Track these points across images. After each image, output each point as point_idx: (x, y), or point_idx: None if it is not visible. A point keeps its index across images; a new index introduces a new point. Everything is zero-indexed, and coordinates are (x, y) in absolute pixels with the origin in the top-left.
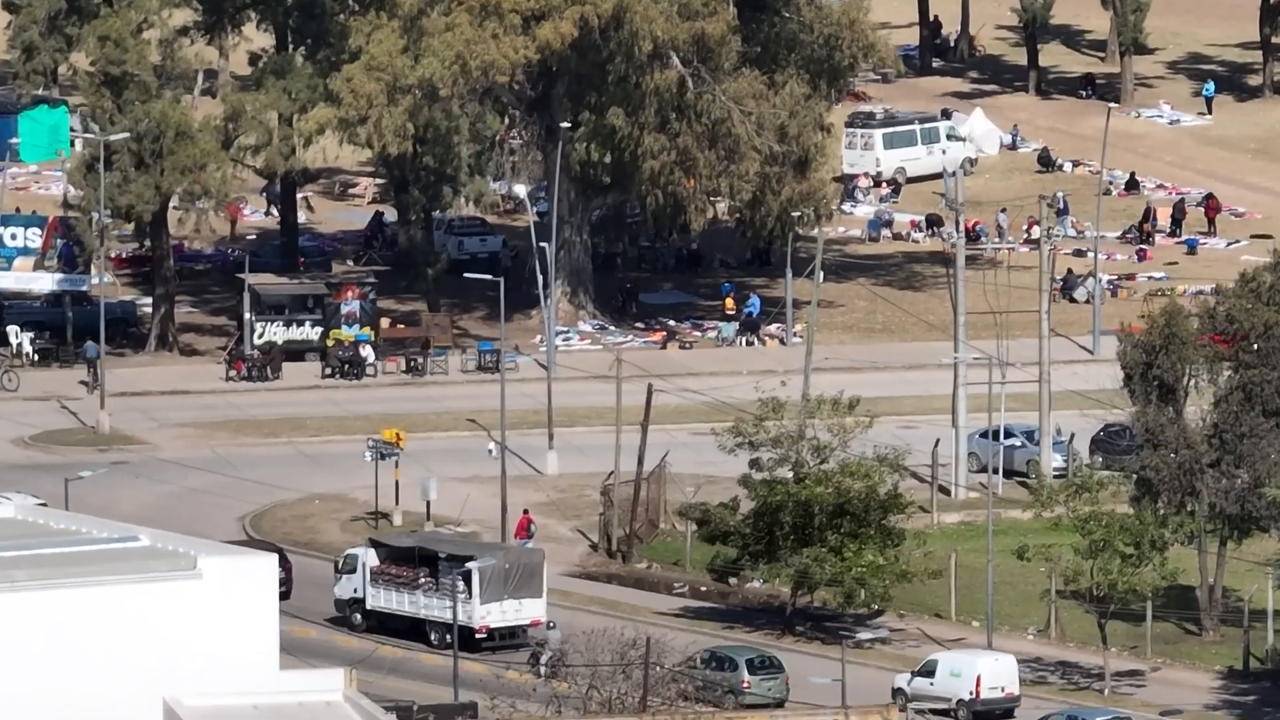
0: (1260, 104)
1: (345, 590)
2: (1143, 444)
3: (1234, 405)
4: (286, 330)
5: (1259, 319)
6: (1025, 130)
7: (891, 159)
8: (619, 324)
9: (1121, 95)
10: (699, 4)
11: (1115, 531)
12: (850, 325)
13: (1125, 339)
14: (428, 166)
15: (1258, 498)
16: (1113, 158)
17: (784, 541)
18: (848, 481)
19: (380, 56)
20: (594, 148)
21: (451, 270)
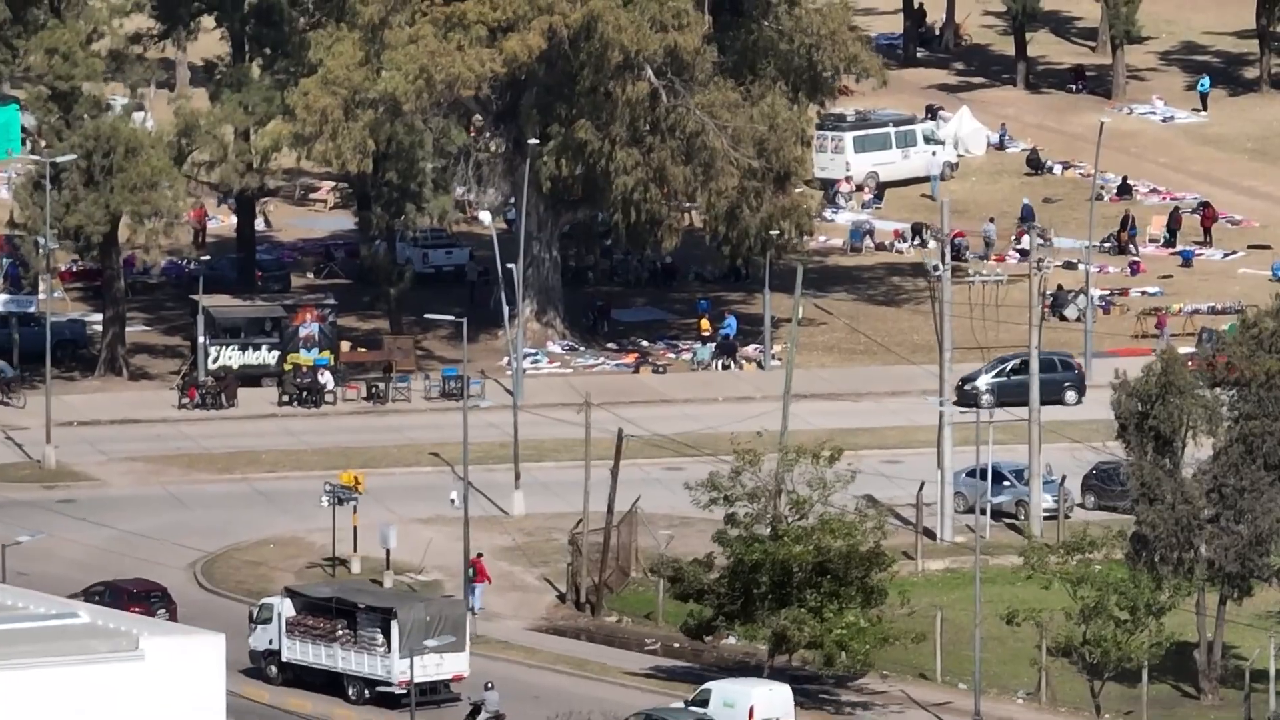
0: (1257, 99)
1: (260, 641)
2: (1138, 498)
3: (1233, 457)
4: (242, 354)
5: (1260, 367)
6: (1013, 128)
7: (863, 163)
8: (590, 344)
9: (1113, 90)
10: (671, 14)
11: (1109, 594)
12: (831, 346)
13: (1120, 388)
14: (390, 182)
15: (1259, 554)
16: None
17: (761, 601)
18: (828, 540)
19: (338, 70)
20: (564, 162)
21: (416, 284)
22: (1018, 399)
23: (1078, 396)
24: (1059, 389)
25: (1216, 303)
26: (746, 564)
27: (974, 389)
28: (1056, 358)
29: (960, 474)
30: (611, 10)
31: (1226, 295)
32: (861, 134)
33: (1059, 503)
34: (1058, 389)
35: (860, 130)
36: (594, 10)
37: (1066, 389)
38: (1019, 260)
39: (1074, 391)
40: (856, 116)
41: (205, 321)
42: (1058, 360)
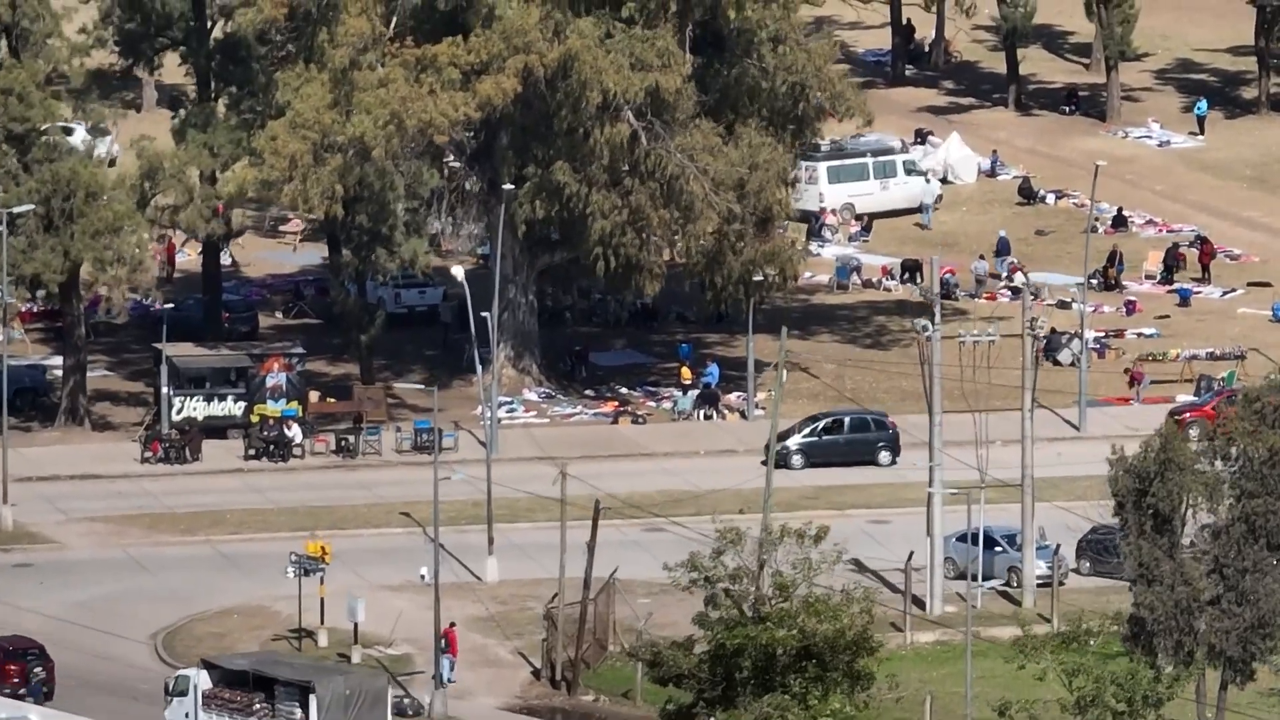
0: (1255, 122)
1: (176, 715)
2: (1135, 579)
3: (1235, 537)
4: (207, 405)
5: (1264, 443)
6: (1005, 153)
7: (837, 194)
8: (567, 391)
9: (1107, 112)
10: (653, 54)
11: (1106, 685)
12: (817, 393)
13: (1118, 463)
14: (360, 226)
15: (1262, 637)
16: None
17: (743, 687)
18: (813, 623)
19: (307, 113)
20: (540, 204)
21: (389, 324)
22: (829, 459)
23: (891, 457)
24: (872, 449)
25: (1215, 348)
26: (728, 648)
27: (784, 449)
28: (870, 417)
29: (950, 538)
30: (590, 50)
31: (1225, 338)
32: (836, 164)
33: (1053, 570)
34: (871, 449)
35: (835, 160)
36: (571, 50)
37: (880, 449)
38: (1011, 298)
39: (888, 452)
40: (832, 146)
41: (169, 371)
42: (871, 420)
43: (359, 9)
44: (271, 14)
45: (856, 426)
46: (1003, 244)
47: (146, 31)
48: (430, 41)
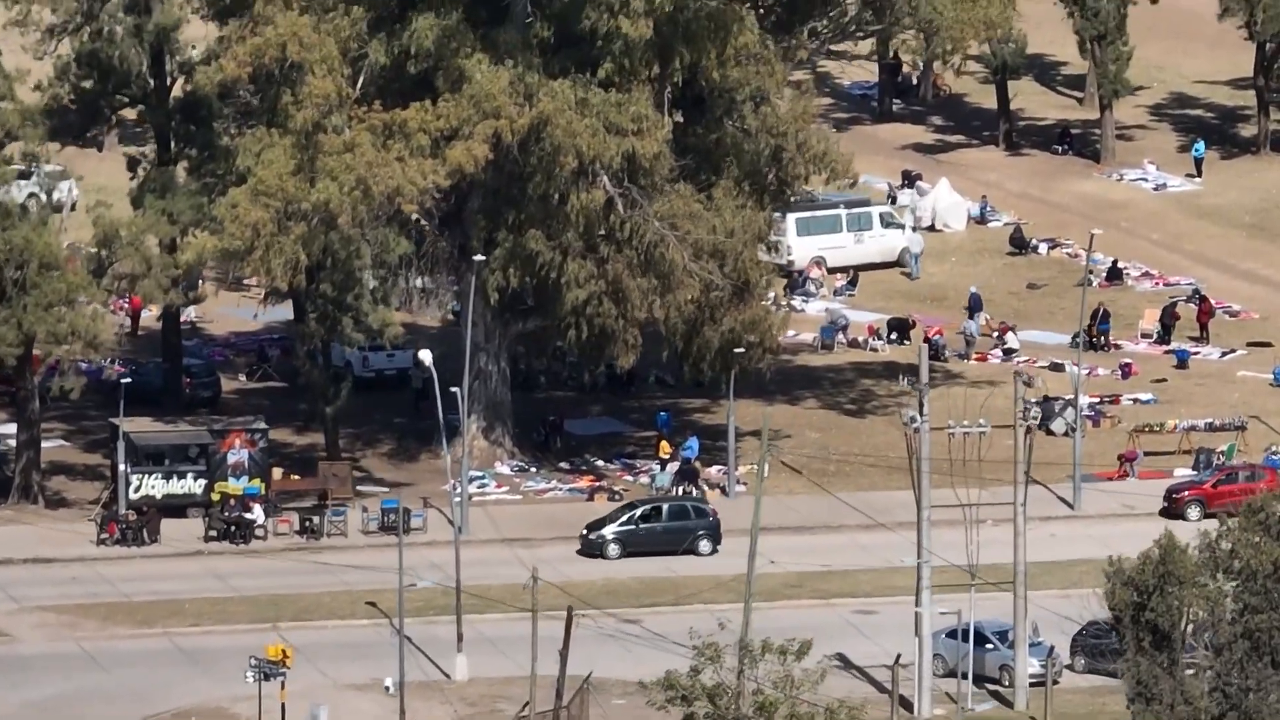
0: (1254, 162)
1: None
2: (1134, 698)
3: (1238, 654)
4: (166, 483)
5: (1268, 556)
6: (996, 197)
7: (806, 247)
8: (541, 463)
9: (1101, 153)
10: (630, 118)
11: None
12: (800, 465)
13: (1115, 575)
14: (325, 294)
15: None
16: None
17: None
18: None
19: (270, 179)
20: (512, 272)
21: (357, 388)
22: (648, 549)
23: (712, 546)
24: (693, 538)
25: (1214, 418)
26: None
27: (600, 538)
28: (690, 505)
29: (940, 634)
30: (563, 114)
31: (1225, 405)
32: (806, 216)
33: (1047, 668)
34: (691, 538)
35: (805, 212)
36: (544, 114)
37: (701, 538)
38: (1003, 360)
39: (708, 541)
40: (802, 196)
41: (126, 448)
42: (691, 507)
43: (324, 70)
44: (234, 73)
45: (676, 514)
46: (975, 300)
47: (104, 89)
48: (398, 106)
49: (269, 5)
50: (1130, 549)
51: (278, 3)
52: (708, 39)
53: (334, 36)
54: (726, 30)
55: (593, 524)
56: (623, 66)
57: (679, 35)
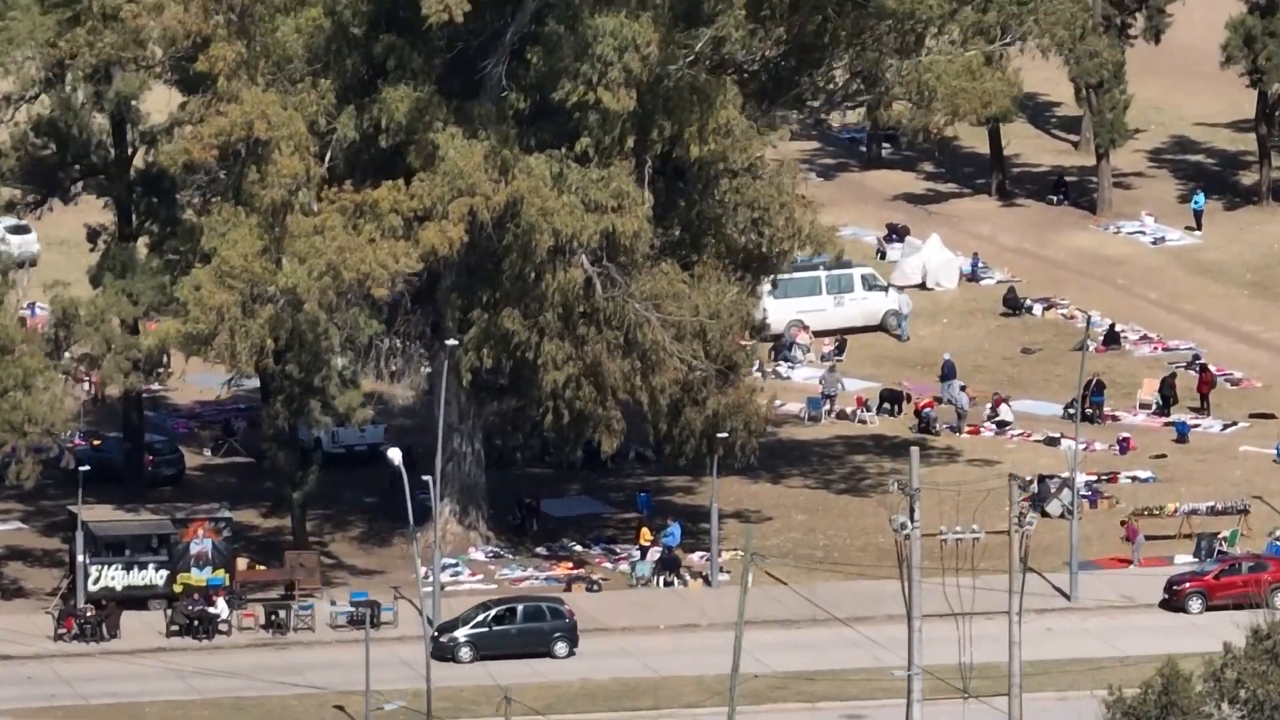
0: (1255, 214)
1: None
2: None
3: None
4: (126, 574)
5: (1275, 685)
6: (989, 252)
7: (783, 311)
8: (516, 548)
9: (1098, 203)
10: (609, 195)
11: None
12: (786, 551)
13: (1115, 704)
14: (291, 376)
15: None
16: (1090, 292)
17: None
18: None
19: (235, 261)
20: (487, 353)
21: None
22: (501, 652)
23: (569, 648)
24: (547, 640)
25: (1216, 501)
26: None
27: (452, 640)
28: (545, 605)
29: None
30: (539, 191)
31: (1226, 483)
32: (783, 277)
33: None
34: (546, 640)
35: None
36: (519, 191)
37: (556, 640)
38: (995, 433)
39: (564, 643)
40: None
41: (85, 537)
42: (546, 608)
43: (291, 148)
44: (199, 155)
45: (531, 615)
46: (948, 368)
47: (63, 159)
48: (369, 180)
49: (234, 80)
50: (1130, 645)
51: (243, 77)
52: (689, 111)
53: (301, 111)
54: (709, 103)
55: (445, 625)
56: (601, 140)
57: (659, 107)
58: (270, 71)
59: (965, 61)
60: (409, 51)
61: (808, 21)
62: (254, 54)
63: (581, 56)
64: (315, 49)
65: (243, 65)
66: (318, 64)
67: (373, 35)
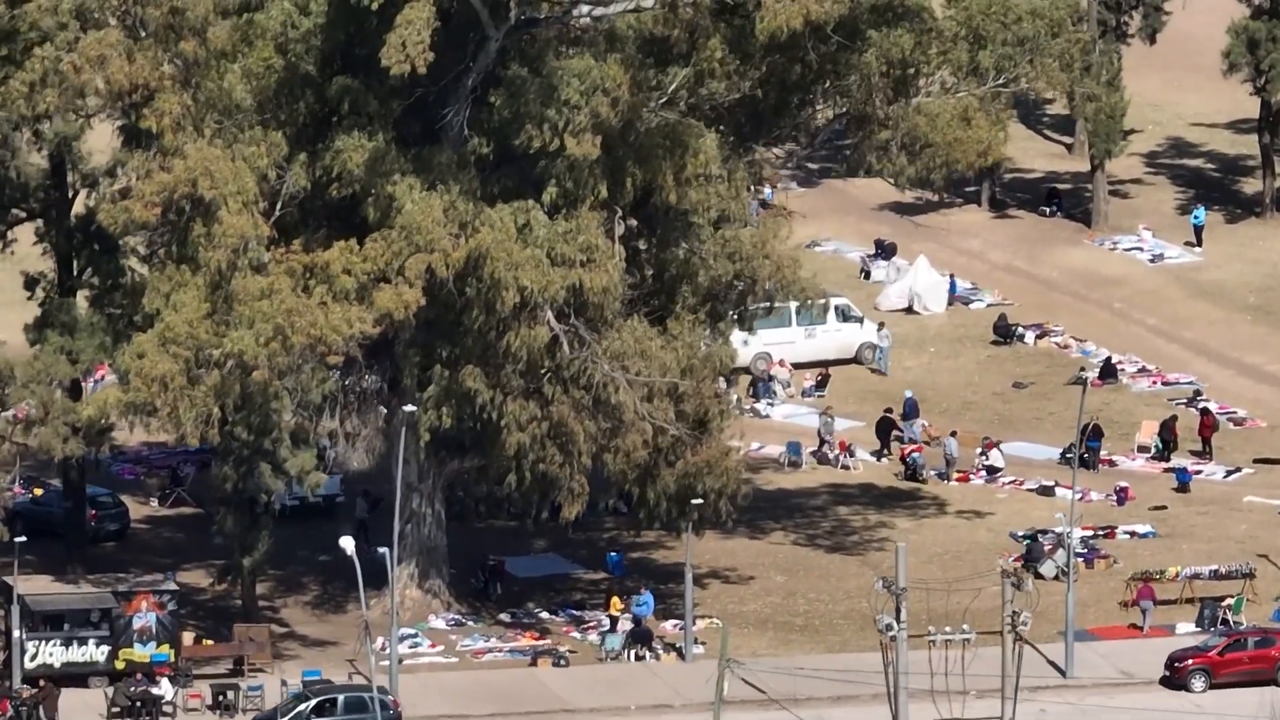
0: (1258, 228)
1: None
2: None
3: None
4: (66, 650)
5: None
6: (978, 272)
7: (750, 344)
8: (479, 613)
9: (1093, 216)
10: (577, 249)
11: None
12: (764, 618)
13: None
14: (240, 439)
15: None
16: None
17: None
18: None
19: (179, 326)
20: (447, 412)
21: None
22: None
23: None
24: None
25: (1220, 564)
26: None
27: None
28: (368, 696)
29: None
30: (503, 245)
31: (1230, 540)
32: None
33: None
34: None
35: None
36: (482, 246)
37: None
38: (986, 480)
39: None
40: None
41: (21, 612)
42: (369, 699)
43: (239, 204)
44: (142, 215)
45: (352, 707)
46: (910, 406)
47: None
48: (320, 232)
49: (178, 134)
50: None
51: (188, 130)
52: (663, 158)
53: (250, 164)
54: (683, 148)
55: (264, 717)
56: (569, 189)
57: (631, 154)
58: (217, 121)
59: (959, 107)
60: (365, 95)
61: (790, 62)
62: (200, 105)
63: (547, 101)
64: (265, 93)
65: (188, 117)
66: (268, 111)
67: (326, 74)
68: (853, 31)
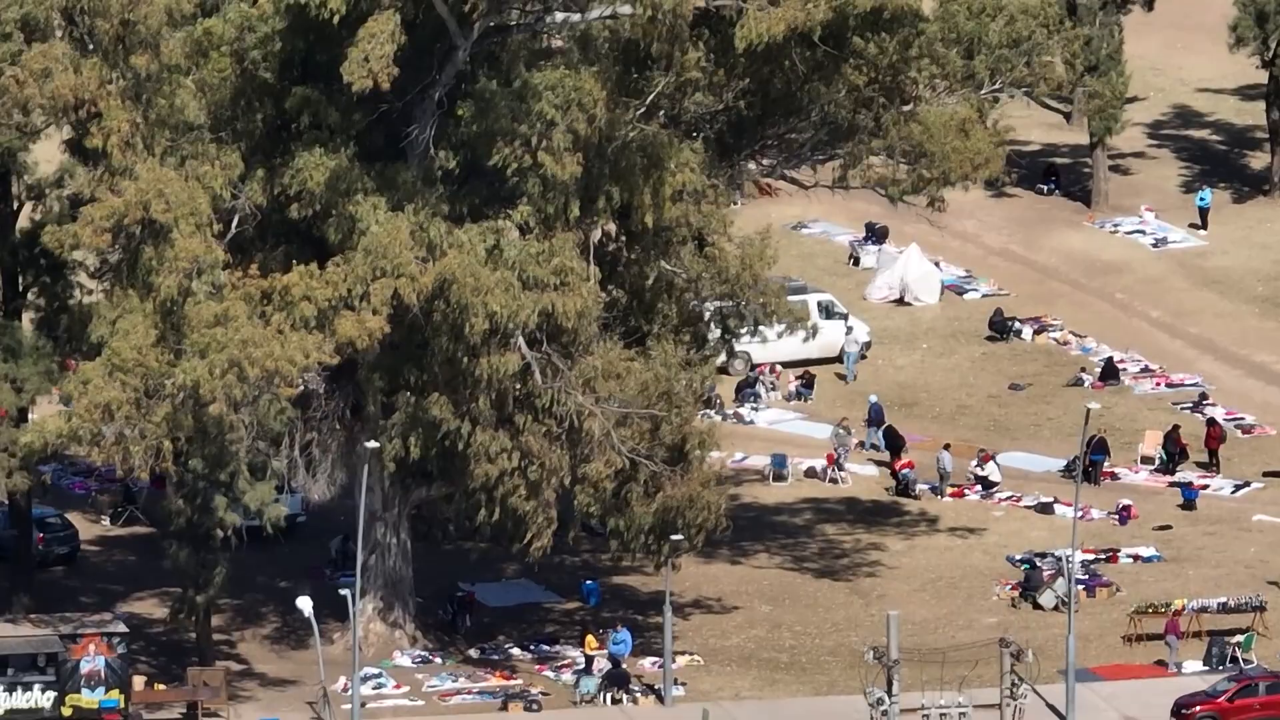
0: (1265, 209)
1: None
2: None
3: None
4: (9, 696)
5: None
6: (973, 258)
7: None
8: (447, 648)
9: (1092, 195)
10: (550, 272)
11: None
12: (748, 654)
13: None
14: (195, 470)
15: None
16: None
17: None
18: None
19: (127, 353)
20: (413, 441)
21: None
22: None
23: None
24: None
25: (1229, 596)
26: None
27: None
28: None
29: None
30: (471, 269)
31: (1240, 564)
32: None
33: None
34: None
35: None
36: (449, 270)
37: None
38: (981, 495)
39: None
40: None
41: None
42: None
43: (192, 226)
44: (90, 241)
45: None
46: (875, 412)
47: None
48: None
49: (128, 152)
50: None
51: (137, 148)
52: (641, 175)
53: (204, 183)
54: (661, 166)
55: None
56: (543, 209)
57: (607, 171)
58: (169, 138)
59: (956, 117)
60: (325, 106)
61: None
62: (151, 122)
63: (519, 116)
64: (221, 104)
65: (138, 134)
66: (223, 125)
67: (285, 82)
68: (840, 39)
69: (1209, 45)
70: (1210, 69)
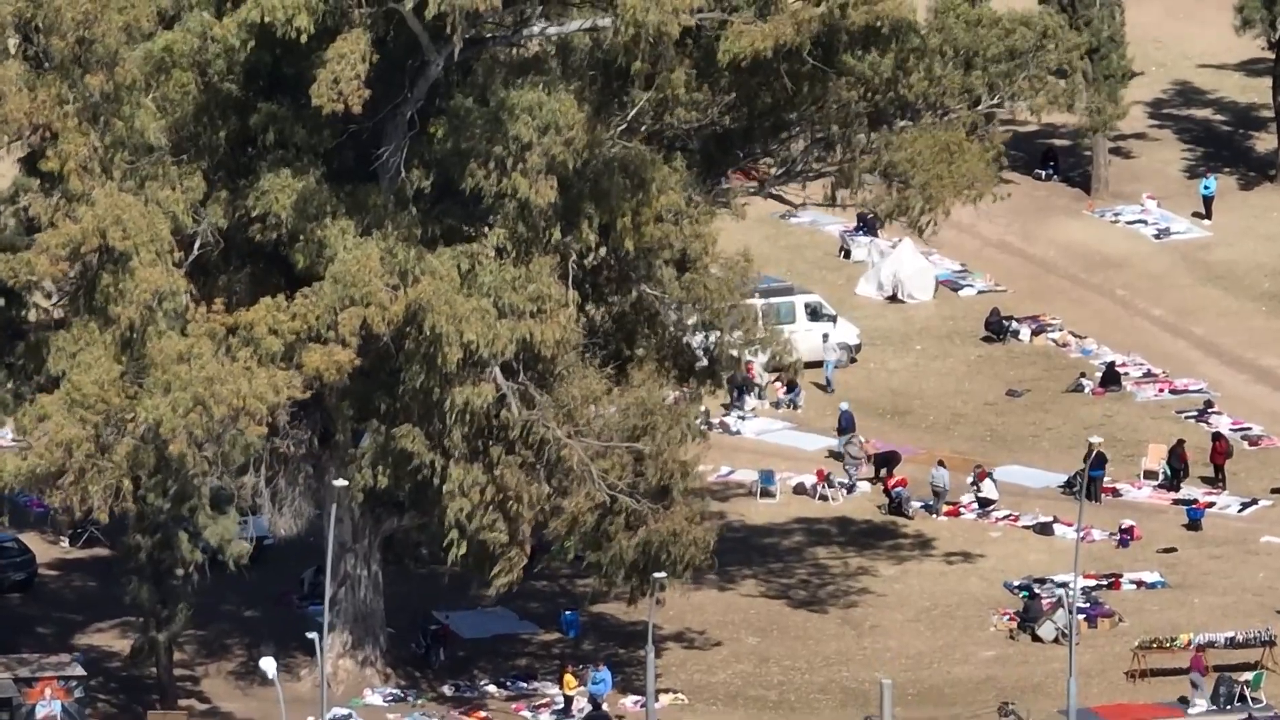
0: (1271, 195)
1: None
2: None
3: None
4: None
5: None
6: (969, 249)
7: None
8: (419, 686)
9: (1092, 183)
10: (527, 299)
11: None
12: (734, 692)
13: None
14: (155, 505)
15: None
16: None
17: None
18: None
19: (87, 388)
20: (383, 471)
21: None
22: None
23: None
24: None
25: (1236, 630)
26: None
27: None
28: None
29: None
30: (445, 298)
31: (1248, 592)
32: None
33: None
34: None
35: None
36: (421, 298)
37: None
38: (978, 514)
39: None
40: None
41: None
42: None
43: (151, 254)
44: (46, 271)
45: None
46: (846, 419)
47: None
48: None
49: (86, 177)
50: None
51: (95, 172)
52: (621, 197)
53: (163, 208)
54: (644, 187)
55: None
56: (519, 233)
57: (586, 193)
58: (128, 161)
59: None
60: (292, 124)
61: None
62: (108, 145)
63: (494, 136)
64: (183, 122)
65: (95, 158)
66: (185, 146)
67: (250, 95)
68: (830, 55)
69: (1212, 14)
70: (1214, 42)
